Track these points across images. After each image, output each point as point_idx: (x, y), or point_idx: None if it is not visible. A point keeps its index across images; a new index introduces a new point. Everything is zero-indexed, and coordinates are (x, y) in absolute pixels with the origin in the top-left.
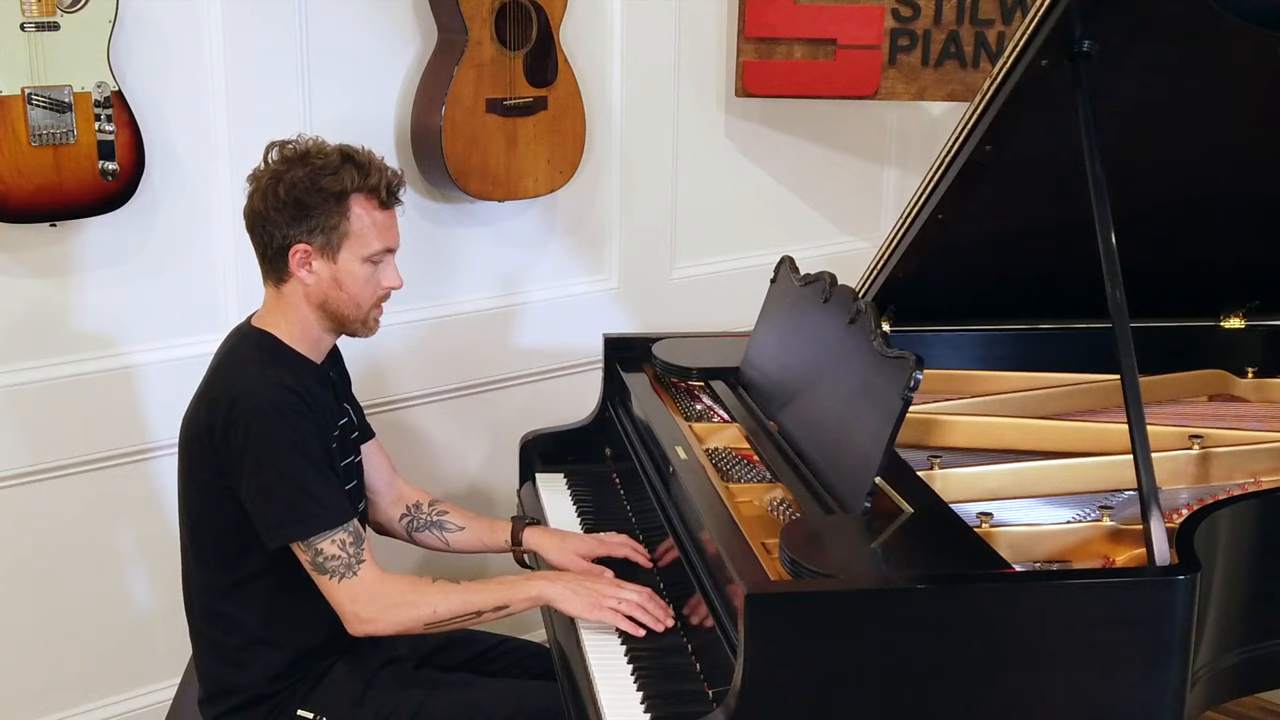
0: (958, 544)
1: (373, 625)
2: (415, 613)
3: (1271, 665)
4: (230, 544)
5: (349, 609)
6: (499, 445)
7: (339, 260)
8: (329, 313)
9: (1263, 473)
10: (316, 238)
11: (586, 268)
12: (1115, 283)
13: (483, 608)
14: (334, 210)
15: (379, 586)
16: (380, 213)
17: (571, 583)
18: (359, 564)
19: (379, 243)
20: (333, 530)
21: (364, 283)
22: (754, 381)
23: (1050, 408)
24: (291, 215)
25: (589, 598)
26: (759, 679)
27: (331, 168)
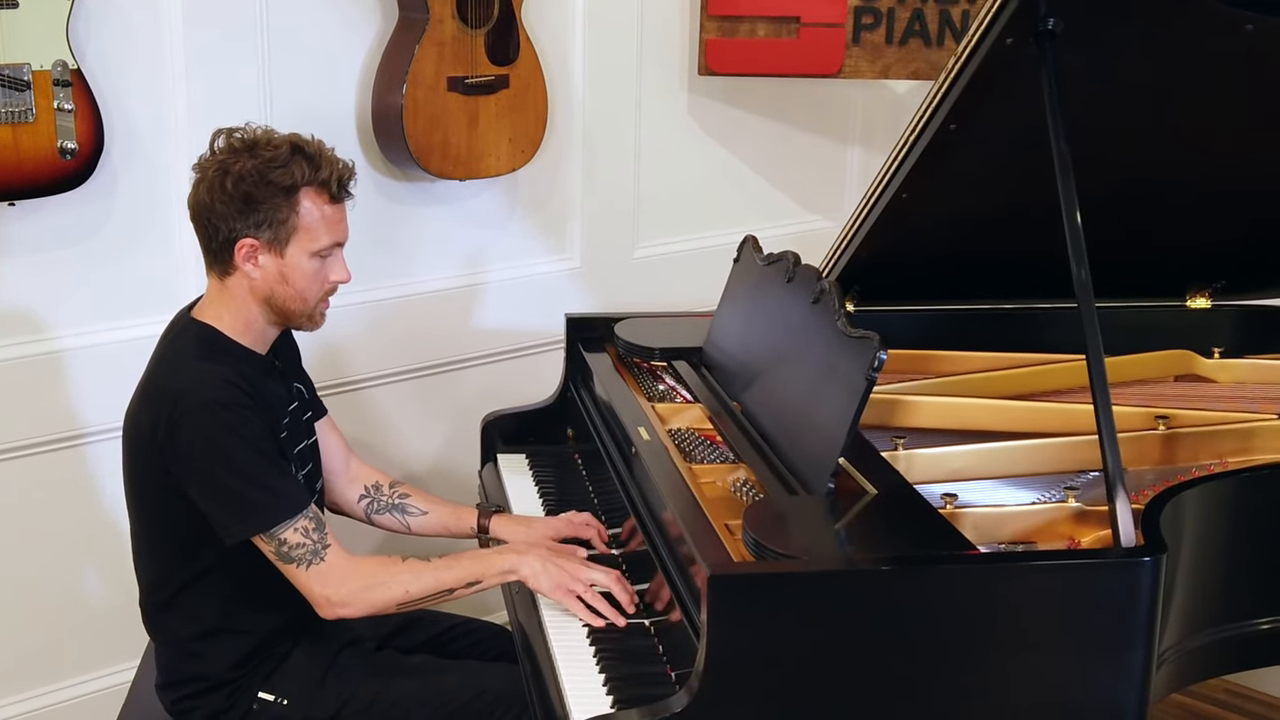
0: (922, 525)
1: (345, 609)
2: (387, 593)
3: (1238, 647)
4: (184, 541)
5: (320, 594)
6: (460, 426)
7: (286, 255)
8: (274, 307)
9: (1229, 453)
10: (264, 232)
11: (548, 247)
12: (1081, 262)
13: (455, 584)
14: (283, 204)
15: (348, 570)
16: (330, 206)
17: (544, 557)
18: (325, 549)
19: (328, 237)
20: (294, 519)
21: (311, 277)
22: (717, 362)
23: (1015, 388)
24: (239, 209)
25: (558, 577)
26: (722, 661)
27: (281, 160)
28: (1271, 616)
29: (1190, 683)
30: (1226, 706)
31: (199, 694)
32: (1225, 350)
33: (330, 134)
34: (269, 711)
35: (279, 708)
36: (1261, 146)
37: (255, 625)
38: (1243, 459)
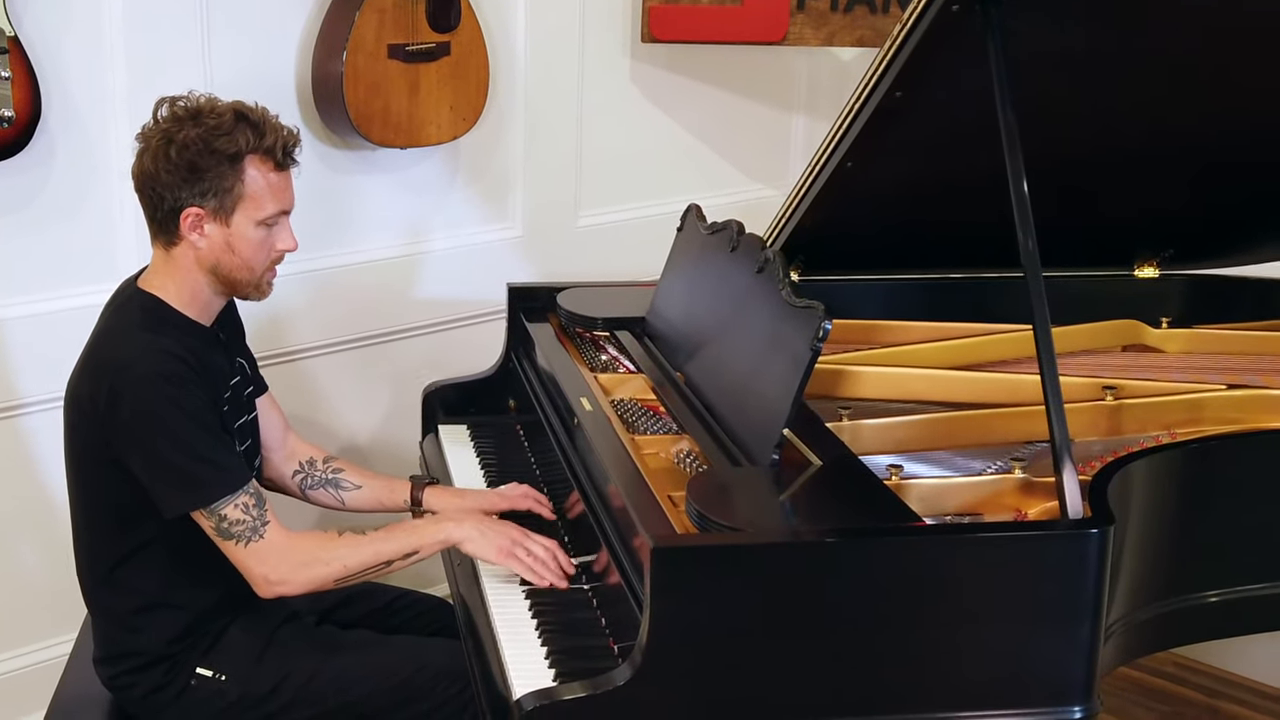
0: (867, 496)
1: (284, 586)
2: (325, 569)
3: (1186, 620)
4: (123, 514)
5: (258, 572)
6: (401, 397)
7: (232, 224)
8: (221, 276)
9: (1177, 424)
10: (209, 201)
11: (490, 216)
12: (1027, 232)
13: (393, 556)
14: (228, 172)
15: (286, 546)
16: (275, 174)
17: (481, 524)
18: (264, 525)
19: (274, 205)
20: (234, 494)
21: (258, 246)
22: (660, 332)
23: (961, 358)
24: (183, 177)
25: (497, 541)
26: (665, 634)
27: (225, 128)
28: (1220, 589)
29: (1138, 656)
30: (1175, 680)
31: (137, 669)
32: (1173, 320)
33: (271, 102)
34: (207, 687)
35: (217, 683)
36: (1208, 114)
37: (193, 600)
38: (1191, 430)
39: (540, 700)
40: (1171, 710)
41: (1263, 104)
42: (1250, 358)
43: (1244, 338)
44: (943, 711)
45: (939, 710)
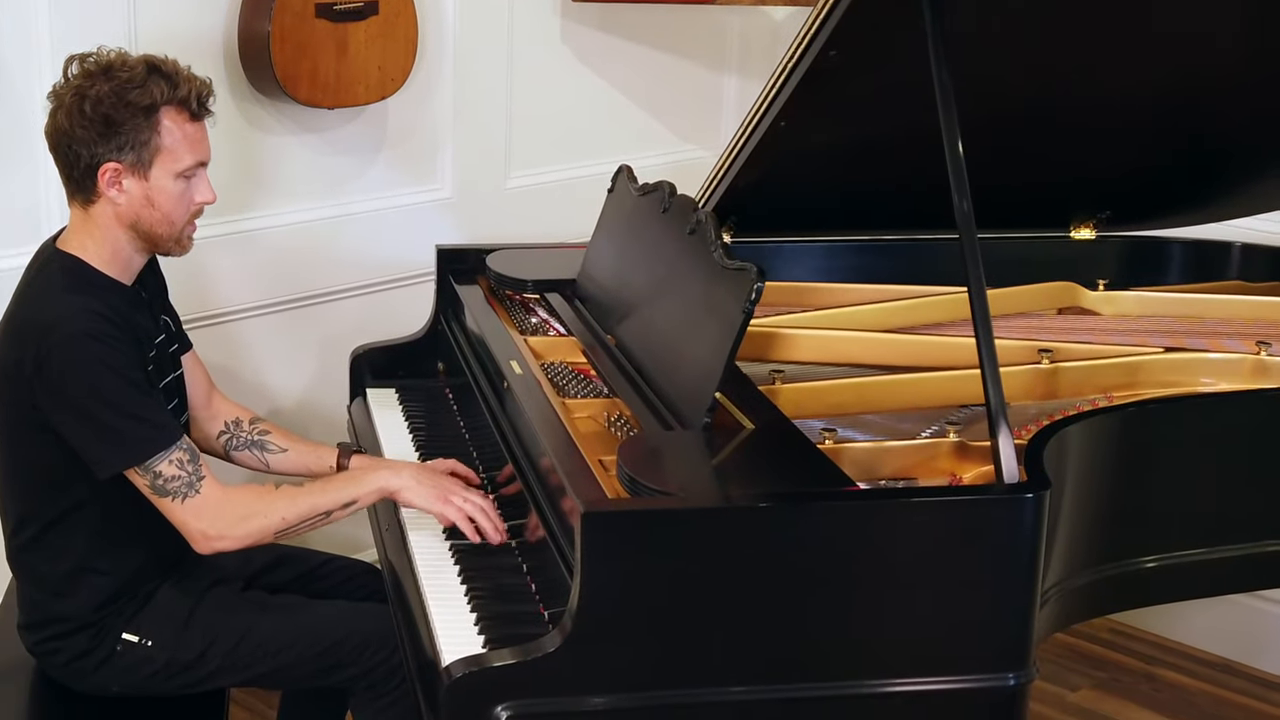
0: (801, 461)
1: (222, 541)
2: (264, 522)
3: (1123, 585)
4: (54, 477)
5: (195, 528)
6: (329, 360)
7: (150, 177)
8: (141, 232)
9: (1113, 388)
10: (126, 155)
11: (419, 177)
12: (962, 193)
13: (331, 507)
14: (143, 125)
15: (224, 501)
16: (191, 125)
17: (417, 473)
18: (200, 481)
19: (191, 156)
20: (168, 450)
21: (177, 199)
22: (591, 294)
23: (896, 321)
24: (99, 132)
25: (435, 490)
26: (596, 600)
27: (138, 80)
28: (1156, 554)
29: (1074, 622)
30: (1111, 646)
31: (62, 635)
32: (1110, 282)
33: (197, 62)
34: (133, 653)
35: (143, 649)
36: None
37: (121, 565)
38: (1128, 393)
39: (469, 667)
40: (1108, 676)
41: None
42: (1187, 320)
43: (1181, 300)
44: (877, 678)
45: (873, 676)
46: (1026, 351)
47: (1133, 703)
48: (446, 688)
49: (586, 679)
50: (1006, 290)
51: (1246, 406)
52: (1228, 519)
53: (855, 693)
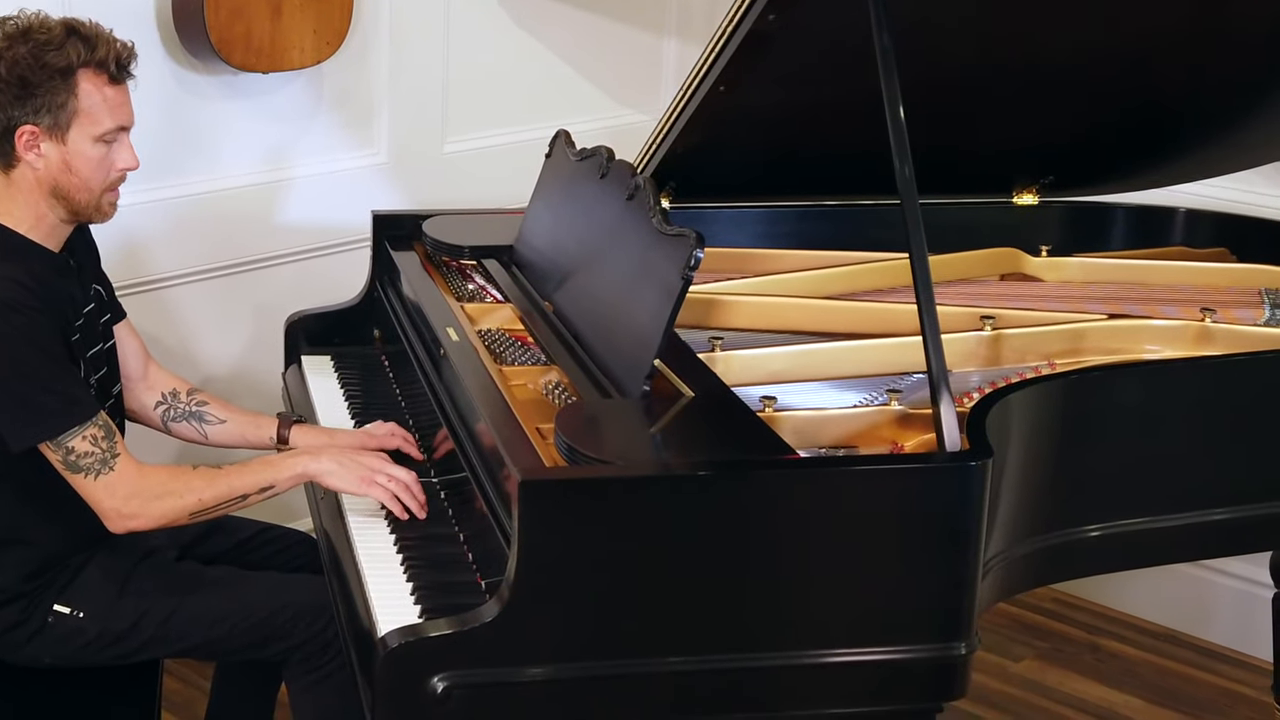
0: (740, 429)
1: (136, 520)
2: (179, 502)
3: (1067, 555)
4: None
5: (109, 506)
6: (263, 327)
7: (68, 141)
8: (61, 198)
9: (1056, 355)
10: (43, 118)
11: (354, 142)
12: (904, 158)
13: (248, 490)
14: (60, 87)
15: (138, 479)
16: (111, 88)
17: (338, 456)
18: (114, 458)
19: (110, 120)
20: (82, 426)
21: (96, 165)
22: (528, 260)
23: (836, 287)
24: (15, 95)
25: (357, 471)
26: (533, 569)
27: (56, 42)
28: (1100, 523)
29: (1017, 591)
30: (1055, 616)
31: None
32: (1053, 248)
33: (131, 27)
34: (64, 624)
35: (75, 620)
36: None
37: (48, 536)
38: (1071, 361)
39: (405, 637)
40: (1051, 647)
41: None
42: (1131, 287)
43: (1125, 266)
44: (817, 648)
45: (813, 646)
46: (968, 318)
47: (1076, 673)
48: (382, 658)
49: (524, 649)
50: (948, 256)
51: (1191, 374)
52: (1171, 487)
53: (795, 663)
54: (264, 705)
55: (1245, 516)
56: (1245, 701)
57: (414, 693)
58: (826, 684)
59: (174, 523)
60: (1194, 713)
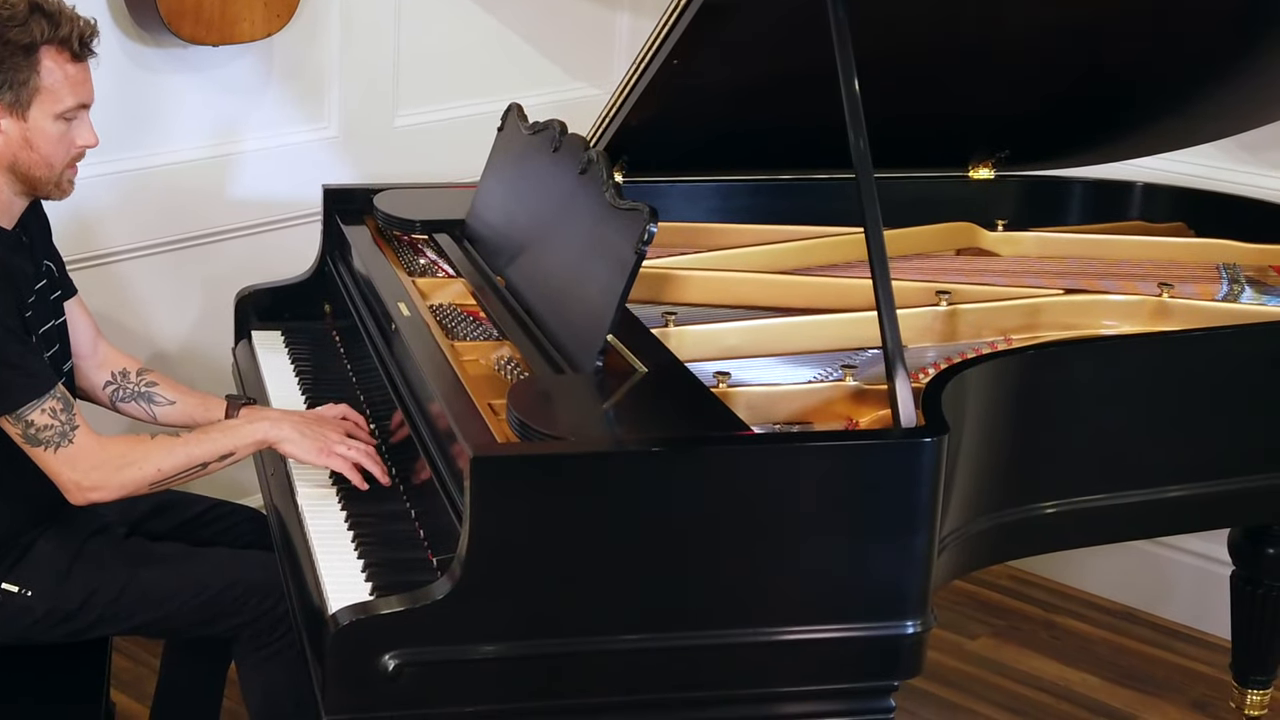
0: (694, 405)
1: (97, 492)
2: (139, 473)
3: (1023, 532)
4: None
5: (69, 478)
6: (213, 302)
7: (29, 118)
8: (19, 175)
9: (1013, 330)
10: (4, 94)
11: (305, 116)
12: (859, 131)
13: (208, 458)
14: (23, 64)
15: (98, 451)
16: (73, 66)
17: (299, 424)
18: (73, 430)
19: (72, 98)
20: (40, 399)
21: (57, 142)
22: (480, 235)
23: (791, 262)
24: None
25: (316, 441)
26: (485, 546)
27: (19, 19)
28: (1056, 500)
29: (973, 569)
30: (1011, 593)
31: None
32: (1009, 223)
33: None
34: (13, 603)
35: (23, 599)
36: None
37: None
38: (1027, 336)
39: (356, 614)
40: (1008, 624)
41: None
42: (1088, 261)
43: (1082, 241)
44: (771, 625)
45: (768, 624)
46: (924, 293)
47: (1032, 650)
48: (333, 636)
49: (476, 627)
50: (903, 231)
51: (1148, 349)
52: (1129, 464)
53: (749, 640)
54: (214, 683)
55: (1203, 493)
56: (1203, 679)
57: (365, 670)
58: (780, 662)
59: (134, 493)
60: (1151, 690)
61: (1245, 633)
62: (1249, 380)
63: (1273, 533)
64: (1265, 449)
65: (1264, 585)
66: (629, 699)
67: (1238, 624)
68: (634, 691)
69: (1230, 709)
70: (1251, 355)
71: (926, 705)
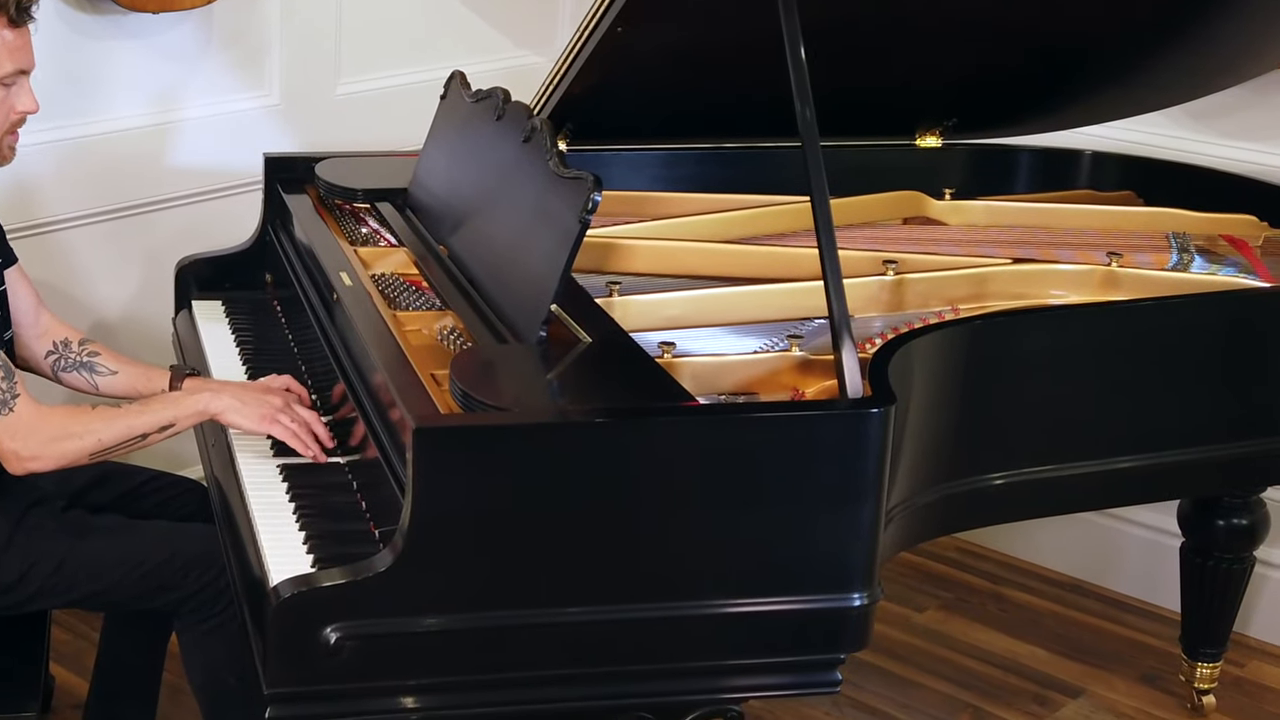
0: (638, 375)
1: (36, 462)
2: (79, 443)
3: (970, 503)
4: None
5: (8, 447)
6: (154, 271)
7: None
8: None
9: (960, 300)
10: None
11: (246, 83)
12: (805, 100)
13: (148, 429)
14: None
15: (38, 420)
16: (10, 31)
17: (240, 394)
18: (14, 399)
19: (10, 64)
20: None
21: None
22: (423, 203)
23: (736, 231)
24: None
25: (259, 409)
26: (428, 518)
27: None
28: (1004, 471)
29: (920, 540)
30: (958, 566)
31: None
32: (957, 191)
33: None
34: None
35: None
36: None
37: None
38: (975, 306)
39: (298, 587)
40: (955, 597)
41: None
42: (1036, 230)
43: (1030, 210)
44: (717, 598)
45: (713, 597)
46: (871, 263)
47: (980, 623)
48: (274, 608)
49: (418, 599)
50: (850, 200)
51: (1097, 319)
52: (1078, 435)
53: (694, 613)
54: (154, 656)
55: (1153, 464)
56: (1151, 652)
57: (306, 643)
58: (725, 635)
59: (74, 463)
60: (1100, 663)
61: (1195, 605)
62: (1199, 351)
63: (1223, 504)
64: (1215, 420)
65: (1214, 557)
66: (572, 672)
67: (1187, 597)
68: (578, 664)
69: (1179, 682)
70: (1202, 325)
71: (873, 678)
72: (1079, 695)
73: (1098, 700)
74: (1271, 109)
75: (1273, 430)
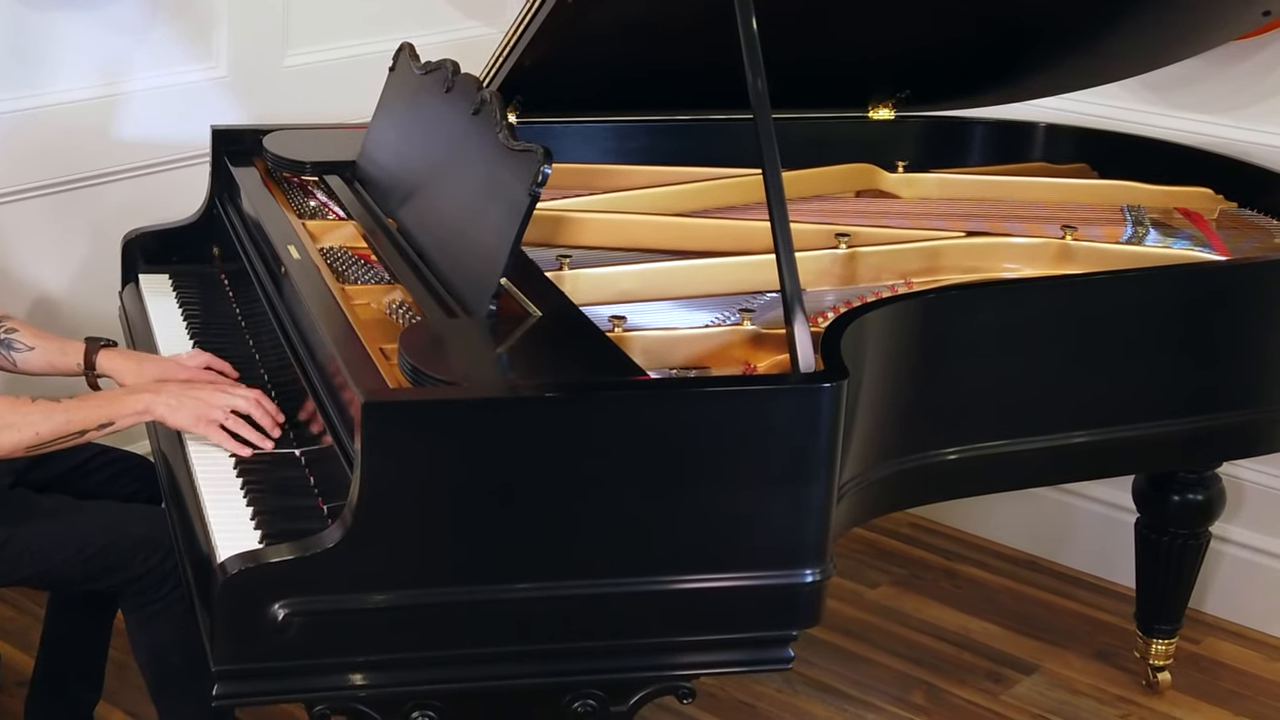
0: (588, 349)
1: None
2: (16, 435)
3: (924, 479)
4: None
5: None
6: (99, 246)
7: None
8: None
9: (913, 274)
10: None
11: (193, 55)
12: (756, 71)
13: (86, 426)
14: None
15: None
16: None
17: (178, 393)
18: None
19: None
20: None
21: None
22: (372, 176)
23: (687, 204)
24: None
25: (196, 409)
26: (377, 494)
27: None
28: (958, 446)
29: (874, 516)
30: (911, 541)
31: None
32: (910, 164)
33: None
34: None
35: None
36: None
37: None
38: (929, 279)
39: (246, 563)
40: (908, 573)
41: None
42: (990, 203)
43: (983, 183)
44: (667, 574)
45: (664, 573)
46: (823, 236)
47: (933, 599)
48: (221, 585)
49: (367, 575)
50: (802, 172)
51: (1051, 293)
52: (1032, 410)
53: (644, 590)
54: (100, 633)
55: (1107, 439)
56: (1106, 628)
57: (254, 620)
58: (676, 611)
59: (9, 455)
60: (1054, 639)
61: (1149, 582)
62: (1153, 325)
63: (1178, 480)
64: (1171, 395)
65: (1168, 533)
66: (522, 649)
67: (1142, 573)
68: (527, 641)
69: (1134, 658)
70: (1157, 299)
71: (826, 655)
72: (1033, 672)
73: (1052, 677)
74: (1227, 81)
75: (1229, 404)
